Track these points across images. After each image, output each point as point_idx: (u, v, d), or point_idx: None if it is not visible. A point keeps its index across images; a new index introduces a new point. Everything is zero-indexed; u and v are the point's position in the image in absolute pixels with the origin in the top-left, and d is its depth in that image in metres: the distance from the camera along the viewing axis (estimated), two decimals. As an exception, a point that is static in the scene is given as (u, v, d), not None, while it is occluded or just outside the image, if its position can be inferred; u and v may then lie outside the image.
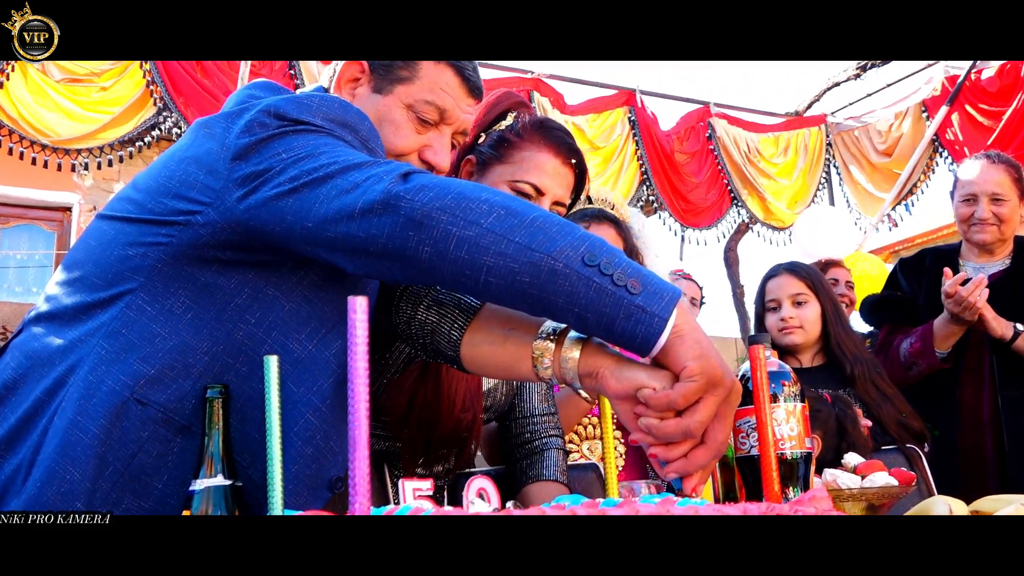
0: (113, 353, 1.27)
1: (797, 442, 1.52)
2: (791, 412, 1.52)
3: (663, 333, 1.07)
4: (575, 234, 1.12)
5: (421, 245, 1.15)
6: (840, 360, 2.75)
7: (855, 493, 1.69)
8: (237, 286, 1.30)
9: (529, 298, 1.12)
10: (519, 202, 1.18)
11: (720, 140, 6.25)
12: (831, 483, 1.73)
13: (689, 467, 1.10)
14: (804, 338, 2.80)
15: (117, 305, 1.30)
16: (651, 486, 1.83)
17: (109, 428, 1.25)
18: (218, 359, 1.30)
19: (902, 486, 1.72)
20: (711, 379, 1.07)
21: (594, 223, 2.35)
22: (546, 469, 1.91)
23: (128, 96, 4.66)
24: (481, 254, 1.13)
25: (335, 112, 1.33)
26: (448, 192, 1.16)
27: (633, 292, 1.07)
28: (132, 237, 1.32)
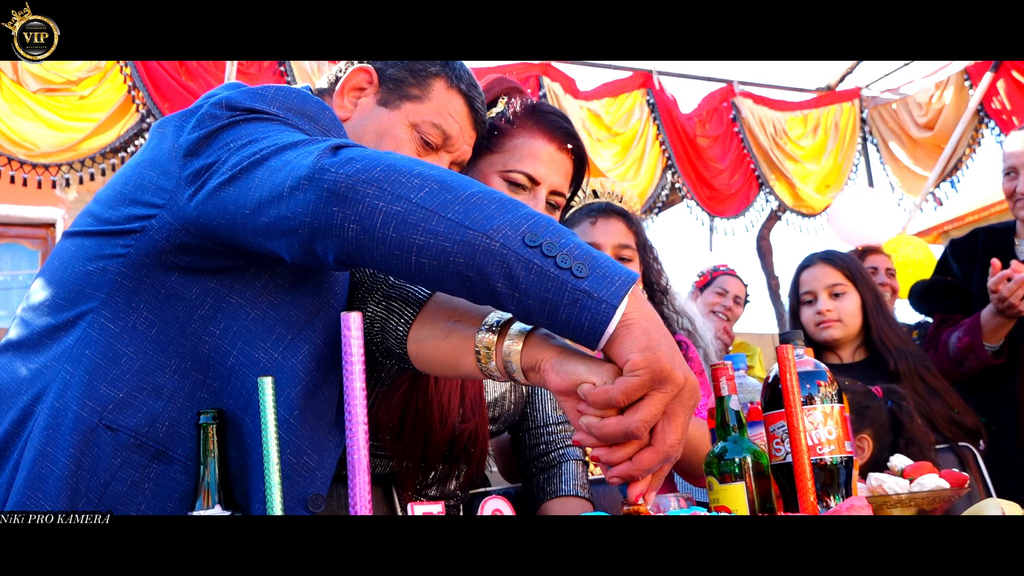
0: (78, 377, 1.29)
1: (836, 446, 1.52)
2: (828, 414, 1.52)
3: (611, 321, 1.03)
4: (518, 211, 1.09)
5: (346, 221, 1.12)
6: (883, 354, 2.73)
7: (903, 499, 1.68)
8: (199, 296, 1.31)
9: (466, 282, 1.09)
10: (457, 176, 1.15)
11: (745, 122, 6.20)
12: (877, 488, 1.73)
13: (633, 471, 1.06)
14: (843, 332, 2.79)
15: (80, 326, 1.31)
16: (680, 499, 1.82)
17: (79, 457, 1.26)
18: (188, 376, 1.31)
19: (954, 489, 1.71)
20: (656, 374, 1.02)
21: (601, 217, 2.34)
22: (564, 484, 1.87)
23: (109, 103, 4.70)
24: (410, 232, 1.09)
25: (292, 101, 1.33)
26: (377, 164, 1.13)
27: (579, 275, 1.03)
28: (92, 251, 1.34)
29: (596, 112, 5.88)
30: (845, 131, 6.53)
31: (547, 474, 1.90)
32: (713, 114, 6.24)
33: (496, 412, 1.83)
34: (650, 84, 6.01)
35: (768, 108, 6.34)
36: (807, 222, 6.40)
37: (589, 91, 5.95)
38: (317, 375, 1.35)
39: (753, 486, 1.56)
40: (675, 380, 1.03)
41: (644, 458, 1.05)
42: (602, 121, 5.88)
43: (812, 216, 6.39)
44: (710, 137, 6.17)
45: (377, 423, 1.62)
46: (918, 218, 6.74)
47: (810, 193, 6.33)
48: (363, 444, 0.82)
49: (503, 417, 1.86)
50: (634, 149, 5.90)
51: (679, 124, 6.03)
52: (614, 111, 5.96)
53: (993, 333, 2.87)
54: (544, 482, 1.90)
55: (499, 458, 2.27)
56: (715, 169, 6.10)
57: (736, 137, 6.20)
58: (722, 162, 6.13)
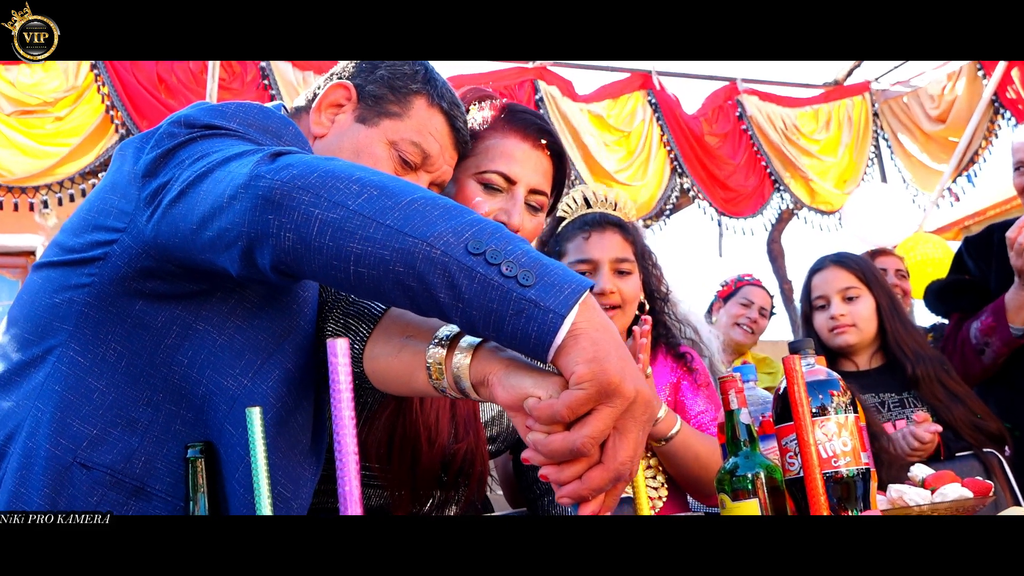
0: (48, 415, 1.29)
1: (852, 458, 1.52)
2: (843, 424, 1.52)
3: (558, 332, 1.00)
4: (462, 218, 1.07)
5: (282, 230, 1.11)
6: (900, 360, 2.72)
7: (925, 510, 1.68)
8: (165, 324, 1.31)
9: (408, 292, 1.07)
10: (400, 182, 1.13)
11: (753, 119, 6.21)
12: (897, 500, 1.73)
13: (583, 491, 1.03)
14: (859, 337, 2.78)
15: (48, 361, 1.32)
16: (692, 519, 1.82)
17: (53, 497, 1.27)
18: (161, 408, 1.32)
19: (978, 498, 1.71)
20: (603, 387, 0.99)
21: (595, 231, 2.32)
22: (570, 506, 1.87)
23: (86, 124, 4.72)
24: (347, 240, 1.08)
25: (253, 117, 1.34)
26: (314, 170, 1.12)
27: (525, 284, 1.01)
28: (57, 283, 1.34)
29: (597, 113, 5.89)
30: (859, 124, 6.53)
31: (551, 496, 1.89)
32: (719, 112, 6.25)
33: (494, 431, 1.82)
34: (650, 85, 6.02)
35: (776, 104, 6.35)
36: (824, 220, 6.38)
37: (588, 94, 5.97)
38: (288, 401, 1.35)
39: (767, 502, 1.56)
40: (624, 393, 1.00)
41: (594, 477, 1.02)
42: (605, 122, 5.89)
43: (830, 213, 6.38)
44: (718, 135, 6.16)
45: (365, 450, 1.62)
46: (935, 215, 6.74)
47: (828, 188, 6.32)
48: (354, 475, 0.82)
49: (501, 436, 1.85)
50: (640, 151, 5.90)
51: (684, 124, 6.03)
52: (616, 113, 5.97)
53: (1018, 311, 2.82)
54: (548, 505, 1.89)
55: (504, 486, 2.26)
56: (728, 168, 6.09)
57: (745, 135, 6.20)
58: (734, 160, 6.12)
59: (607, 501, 1.05)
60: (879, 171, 6.63)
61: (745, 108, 6.21)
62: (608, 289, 2.27)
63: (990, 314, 2.88)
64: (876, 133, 6.60)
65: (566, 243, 2.36)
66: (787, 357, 1.19)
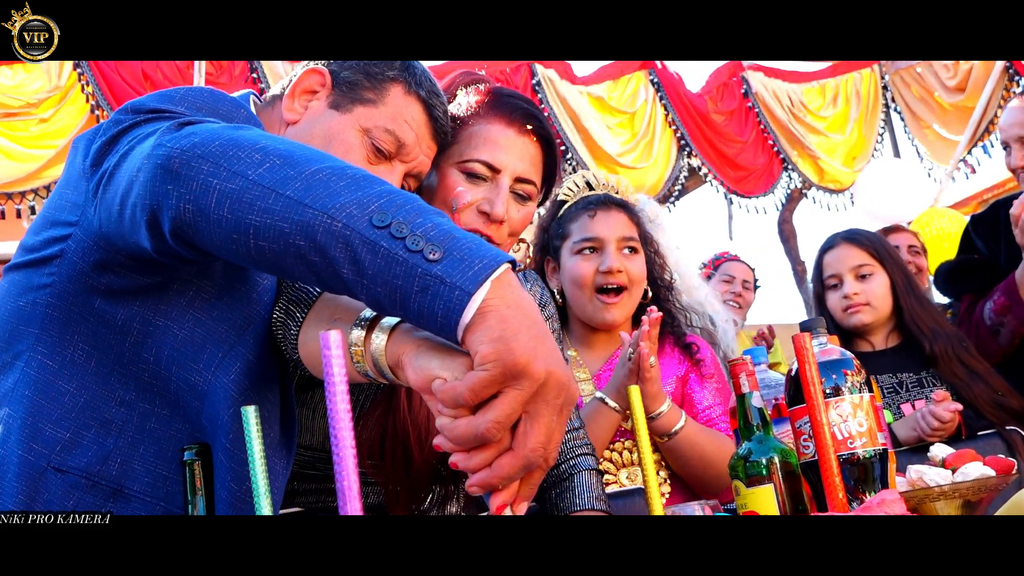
0: (19, 420, 1.30)
1: (868, 439, 1.52)
2: (857, 405, 1.52)
3: (465, 310, 0.96)
4: (371, 189, 1.03)
5: (181, 200, 1.08)
6: (918, 338, 2.70)
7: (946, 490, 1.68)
8: (126, 321, 1.31)
9: (312, 267, 1.04)
10: (309, 151, 1.10)
11: (759, 96, 6.20)
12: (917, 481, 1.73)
13: (492, 479, 0.98)
14: (873, 316, 2.77)
15: (17, 366, 1.33)
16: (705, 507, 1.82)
17: (28, 503, 1.28)
18: (134, 407, 1.32)
19: (1000, 476, 1.70)
20: (508, 368, 0.94)
21: (600, 210, 2.33)
22: (579, 497, 1.85)
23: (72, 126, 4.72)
24: (245, 211, 1.04)
25: (202, 100, 1.33)
26: (216, 139, 1.09)
27: (431, 259, 0.97)
28: (21, 285, 1.35)
29: (598, 95, 5.86)
30: (867, 99, 6.51)
31: (559, 488, 1.89)
32: (724, 90, 6.23)
33: None
34: (651, 64, 6.00)
35: (781, 80, 6.33)
36: (834, 199, 6.36)
37: (587, 76, 5.94)
38: (252, 394, 1.34)
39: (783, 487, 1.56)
40: (532, 375, 0.95)
41: (503, 464, 0.97)
42: (607, 105, 5.86)
43: (840, 192, 6.36)
44: (724, 113, 6.14)
45: (359, 448, 1.62)
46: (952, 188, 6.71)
47: (837, 166, 6.31)
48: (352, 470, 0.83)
49: None
50: (644, 132, 5.87)
51: (689, 102, 6.01)
52: (617, 95, 5.94)
53: None
54: (557, 497, 1.88)
55: None
56: (736, 146, 6.07)
57: (751, 112, 6.18)
58: (742, 138, 6.10)
59: (522, 490, 1.01)
60: (891, 145, 6.61)
61: (750, 85, 6.19)
62: (615, 268, 2.28)
63: (1002, 293, 2.86)
64: (887, 106, 6.57)
65: (569, 224, 2.36)
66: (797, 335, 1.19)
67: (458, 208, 1.66)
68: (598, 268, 2.29)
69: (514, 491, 1.00)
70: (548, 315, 1.97)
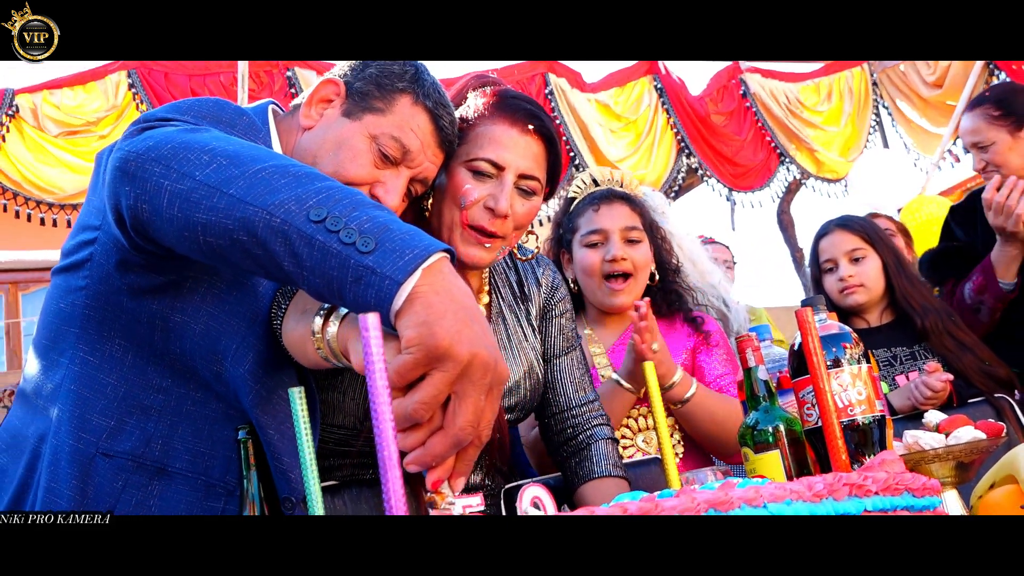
0: (68, 413, 1.32)
1: (867, 406, 1.51)
2: (856, 375, 1.52)
3: (395, 298, 0.95)
4: (311, 185, 1.02)
5: (138, 202, 1.09)
6: (909, 314, 2.69)
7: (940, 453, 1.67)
8: (150, 319, 1.32)
9: (256, 260, 1.04)
10: (255, 151, 1.09)
11: (756, 96, 6.17)
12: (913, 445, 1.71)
13: (425, 458, 0.95)
14: (868, 296, 2.76)
15: (62, 363, 1.35)
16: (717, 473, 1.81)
17: (82, 487, 1.30)
18: (171, 392, 1.34)
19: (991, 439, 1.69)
20: (431, 351, 0.92)
21: (603, 204, 2.34)
22: (597, 465, 1.84)
23: (129, 140, 4.76)
24: (192, 210, 1.05)
25: (207, 109, 1.34)
26: (169, 142, 1.09)
27: (364, 251, 0.96)
28: (62, 288, 1.37)
29: (604, 102, 5.86)
30: (859, 94, 6.47)
31: (578, 457, 1.88)
32: (723, 92, 6.21)
33: (513, 400, 1.81)
34: (656, 70, 5.98)
35: (778, 80, 6.29)
36: (831, 187, 6.33)
37: (595, 83, 5.93)
38: (267, 381, 1.34)
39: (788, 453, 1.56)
40: (455, 357, 0.92)
41: (434, 443, 0.95)
42: (612, 111, 5.86)
43: (836, 181, 6.33)
44: (724, 114, 6.12)
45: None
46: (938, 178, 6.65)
47: (833, 157, 6.28)
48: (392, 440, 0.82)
49: (520, 404, 1.84)
50: (645, 137, 5.87)
51: (689, 105, 6.00)
52: (623, 100, 5.94)
53: (1005, 267, 2.80)
54: (576, 466, 1.88)
55: (531, 454, 2.27)
56: (735, 145, 6.05)
57: (750, 112, 6.15)
58: (740, 136, 6.07)
59: (458, 466, 0.99)
60: (881, 138, 6.56)
61: (749, 86, 6.16)
62: (619, 256, 2.29)
63: (979, 273, 2.85)
64: (876, 102, 6.53)
65: (578, 219, 2.37)
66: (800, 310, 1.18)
67: (466, 204, 1.66)
68: (604, 257, 2.30)
69: (449, 467, 0.98)
70: (560, 297, 1.96)
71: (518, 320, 1.87)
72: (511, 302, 1.88)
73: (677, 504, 0.91)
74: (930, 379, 2.39)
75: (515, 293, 1.89)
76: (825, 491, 0.97)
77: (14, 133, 4.72)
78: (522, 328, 1.86)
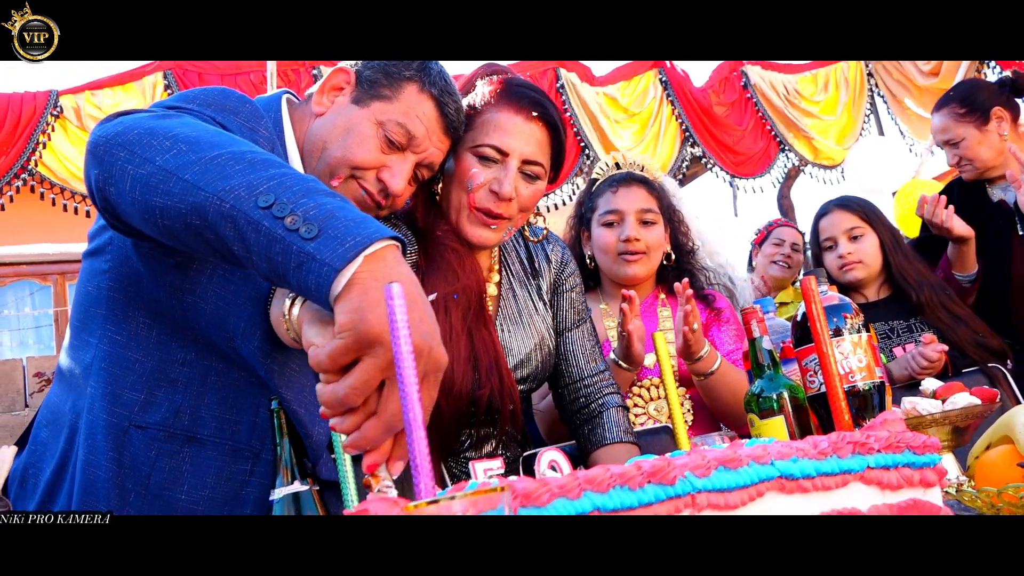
0: (101, 390, 1.33)
1: (867, 373, 1.50)
2: (857, 344, 1.51)
3: (333, 284, 0.91)
4: (264, 172, 0.99)
5: (107, 185, 1.07)
6: (905, 289, 2.69)
7: (938, 418, 1.65)
8: (167, 298, 1.31)
9: (210, 244, 1.01)
10: (216, 137, 1.06)
11: (757, 87, 6.12)
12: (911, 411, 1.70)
13: (359, 442, 0.92)
14: (866, 272, 2.74)
15: (92, 343, 1.35)
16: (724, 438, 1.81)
17: (118, 458, 1.30)
18: (195, 365, 1.34)
19: (985, 404, 1.67)
20: (361, 337, 0.88)
21: (622, 186, 2.33)
22: (608, 431, 1.85)
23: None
24: (151, 195, 1.03)
25: (213, 98, 1.33)
26: (136, 127, 1.07)
27: (307, 237, 0.93)
28: (88, 272, 1.38)
29: (612, 95, 5.84)
30: (855, 84, 6.41)
31: (591, 425, 1.89)
32: (725, 84, 6.16)
33: (525, 372, 1.81)
34: (661, 63, 5.95)
35: (777, 72, 6.25)
36: (828, 174, 6.29)
37: (604, 76, 5.92)
38: (278, 355, 1.33)
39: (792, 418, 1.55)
40: (386, 344, 0.88)
41: (368, 428, 0.91)
42: (619, 103, 5.84)
43: (833, 167, 6.28)
44: (726, 105, 6.09)
45: None
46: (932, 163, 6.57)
47: (830, 145, 6.23)
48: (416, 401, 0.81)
49: (532, 375, 1.84)
50: (651, 127, 5.85)
51: (693, 97, 5.97)
52: (630, 93, 5.91)
53: (960, 264, 2.83)
54: (589, 432, 1.89)
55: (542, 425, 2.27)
56: (736, 134, 6.02)
57: (750, 102, 6.12)
58: (741, 126, 6.04)
59: (395, 451, 0.94)
60: (876, 126, 6.50)
61: (749, 78, 6.12)
62: (633, 236, 2.29)
63: (941, 269, 2.88)
64: (871, 91, 6.46)
65: (598, 199, 2.38)
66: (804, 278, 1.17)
67: (472, 188, 1.66)
68: (619, 237, 2.30)
69: (385, 452, 0.94)
70: (570, 272, 1.95)
71: (529, 295, 1.86)
72: (522, 278, 1.87)
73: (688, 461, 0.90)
74: (926, 350, 2.37)
75: (526, 269, 1.89)
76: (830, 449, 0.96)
77: (59, 132, 4.74)
78: (533, 303, 1.86)
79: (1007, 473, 1.24)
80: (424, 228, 1.69)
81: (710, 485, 0.88)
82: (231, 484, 1.37)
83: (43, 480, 1.36)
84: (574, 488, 0.83)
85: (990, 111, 2.89)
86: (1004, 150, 2.89)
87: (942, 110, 2.98)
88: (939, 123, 2.98)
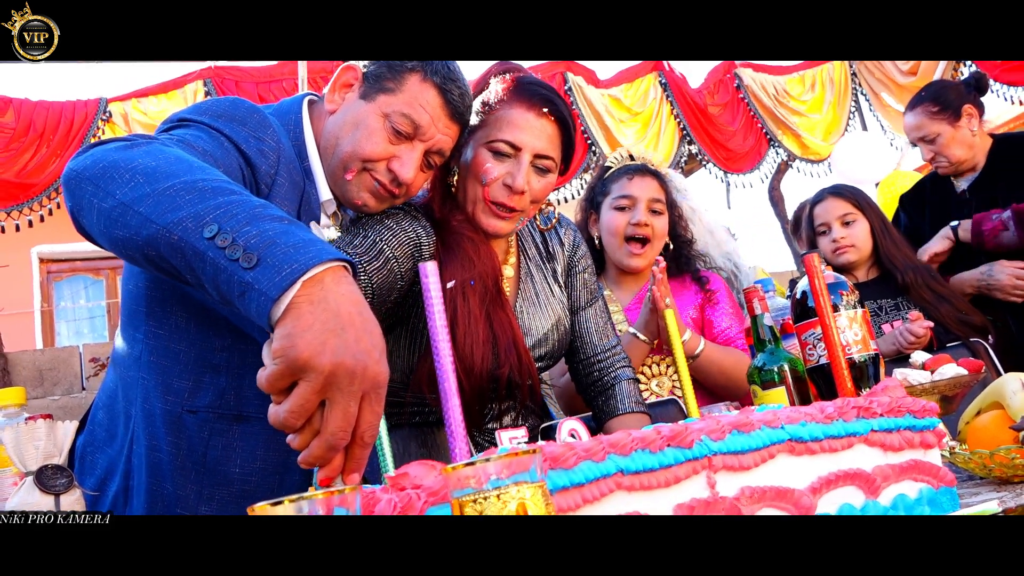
0: (153, 380, 1.33)
1: (863, 346, 1.48)
2: (853, 319, 1.48)
3: (271, 311, 0.88)
4: (212, 201, 0.95)
5: (79, 216, 1.05)
6: (892, 271, 2.68)
7: (927, 387, 1.63)
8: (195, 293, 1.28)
9: (170, 272, 0.98)
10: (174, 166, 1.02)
11: (748, 88, 6.08)
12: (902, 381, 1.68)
13: (307, 459, 0.88)
14: (857, 256, 2.74)
15: (138, 338, 1.35)
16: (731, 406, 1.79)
17: (176, 442, 1.30)
18: (234, 349, 1.33)
19: (972, 374, 1.65)
20: (292, 362, 0.85)
21: (637, 175, 2.33)
22: (621, 403, 1.85)
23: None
24: (112, 228, 1.00)
25: (222, 108, 1.31)
26: (102, 160, 1.04)
27: (246, 267, 0.89)
28: (129, 272, 1.37)
29: (616, 96, 5.81)
30: (840, 84, 6.37)
31: (604, 396, 1.89)
32: (720, 85, 6.12)
33: (542, 351, 1.80)
34: (661, 67, 5.92)
35: (767, 74, 6.21)
36: (815, 167, 6.25)
37: (608, 79, 5.89)
38: None
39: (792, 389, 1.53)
40: (316, 368, 0.85)
41: (313, 446, 0.88)
42: (622, 104, 5.81)
43: (819, 162, 6.25)
44: (719, 105, 6.05)
45: (419, 380, 1.62)
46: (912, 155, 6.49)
47: (816, 141, 6.19)
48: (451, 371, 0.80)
49: (549, 353, 1.82)
50: (652, 126, 5.83)
51: (690, 98, 5.94)
52: (632, 94, 5.88)
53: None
54: (603, 404, 1.89)
55: (560, 401, 2.27)
56: (728, 132, 6.00)
57: (742, 103, 6.09)
58: (733, 125, 6.02)
59: (348, 465, 0.90)
60: (860, 122, 6.44)
61: (742, 79, 6.07)
62: (643, 221, 2.29)
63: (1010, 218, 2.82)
64: (855, 90, 6.41)
65: (611, 184, 2.37)
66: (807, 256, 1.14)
67: (487, 181, 1.64)
68: (630, 221, 2.29)
69: (336, 467, 0.90)
70: (582, 254, 1.93)
71: (545, 278, 1.85)
72: (539, 262, 1.86)
73: (704, 426, 0.88)
74: (913, 326, 2.35)
75: (541, 253, 1.87)
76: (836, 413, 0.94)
77: (109, 135, 4.74)
78: (549, 285, 1.85)
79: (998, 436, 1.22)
80: (441, 219, 1.68)
81: (725, 448, 0.87)
82: (279, 454, 1.37)
83: (100, 460, 1.37)
84: (599, 451, 0.82)
85: (961, 108, 2.87)
86: (974, 144, 2.88)
87: (915, 109, 2.94)
88: (913, 121, 2.94)
